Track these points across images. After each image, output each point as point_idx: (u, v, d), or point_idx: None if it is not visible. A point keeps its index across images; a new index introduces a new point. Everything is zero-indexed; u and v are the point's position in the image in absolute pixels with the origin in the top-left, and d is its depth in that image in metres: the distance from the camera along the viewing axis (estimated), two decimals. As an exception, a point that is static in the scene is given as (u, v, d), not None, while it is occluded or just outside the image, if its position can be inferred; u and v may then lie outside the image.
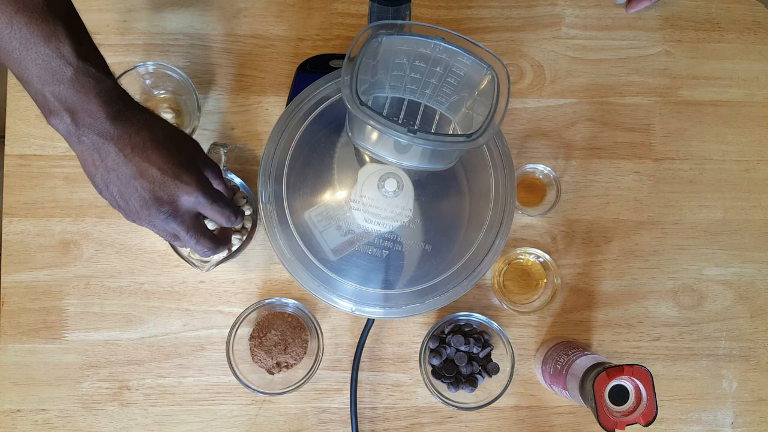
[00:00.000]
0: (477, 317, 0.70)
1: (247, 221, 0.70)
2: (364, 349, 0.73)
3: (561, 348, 0.70)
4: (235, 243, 0.69)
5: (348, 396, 0.72)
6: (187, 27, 0.76)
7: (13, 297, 0.73)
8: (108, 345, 0.73)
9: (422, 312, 0.62)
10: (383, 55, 0.53)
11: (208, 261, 0.69)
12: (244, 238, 0.70)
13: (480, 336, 0.72)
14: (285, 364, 0.72)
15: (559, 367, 0.68)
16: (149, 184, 0.53)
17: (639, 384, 0.62)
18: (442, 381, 0.71)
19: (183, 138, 0.57)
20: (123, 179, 0.53)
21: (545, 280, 0.74)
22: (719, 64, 0.78)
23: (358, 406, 0.73)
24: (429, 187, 0.60)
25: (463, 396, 0.71)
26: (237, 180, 0.71)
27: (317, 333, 0.69)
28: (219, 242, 0.60)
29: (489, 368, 0.71)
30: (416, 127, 0.50)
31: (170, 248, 0.70)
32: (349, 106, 0.49)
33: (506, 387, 0.68)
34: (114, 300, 0.73)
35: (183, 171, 0.54)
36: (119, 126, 0.52)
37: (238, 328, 0.69)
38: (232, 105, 0.76)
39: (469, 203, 0.62)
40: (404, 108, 0.57)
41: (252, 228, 0.70)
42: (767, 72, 0.79)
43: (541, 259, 0.74)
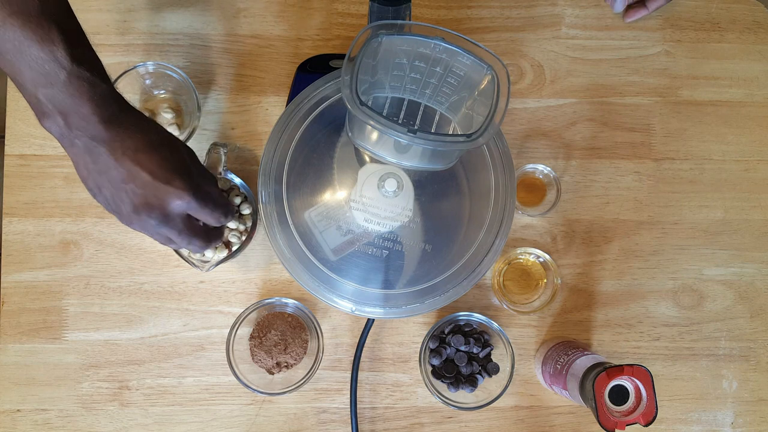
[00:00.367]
0: (477, 317, 0.70)
1: (247, 221, 0.70)
2: (364, 349, 0.73)
3: (561, 348, 0.70)
4: (235, 243, 0.69)
5: (348, 396, 0.72)
6: (187, 27, 0.76)
7: (13, 297, 0.73)
8: (108, 345, 0.73)
9: (422, 312, 0.62)
10: (383, 55, 0.53)
11: (208, 261, 0.69)
12: (244, 238, 0.70)
13: (480, 336, 0.72)
14: (285, 364, 0.72)
15: (559, 367, 0.68)
16: (140, 189, 0.53)
17: (639, 384, 0.62)
18: (442, 381, 0.71)
19: (177, 143, 0.57)
20: (114, 183, 0.53)
21: (545, 280, 0.74)
22: (719, 64, 0.78)
23: (358, 406, 0.73)
24: (429, 187, 0.60)
25: (463, 396, 0.71)
26: (237, 180, 0.71)
27: (317, 333, 0.69)
28: (212, 238, 0.61)
29: (489, 368, 0.71)
30: (416, 127, 0.51)
31: (170, 248, 0.70)
32: (349, 106, 0.49)
33: (506, 387, 0.68)
34: (114, 300, 0.73)
35: (174, 175, 0.53)
36: (112, 129, 0.52)
37: (238, 328, 0.69)
38: (232, 105, 0.76)
39: (469, 203, 0.62)
40: (404, 108, 0.57)
41: (252, 228, 0.70)
42: (767, 72, 0.79)
43: (541, 259, 0.74)
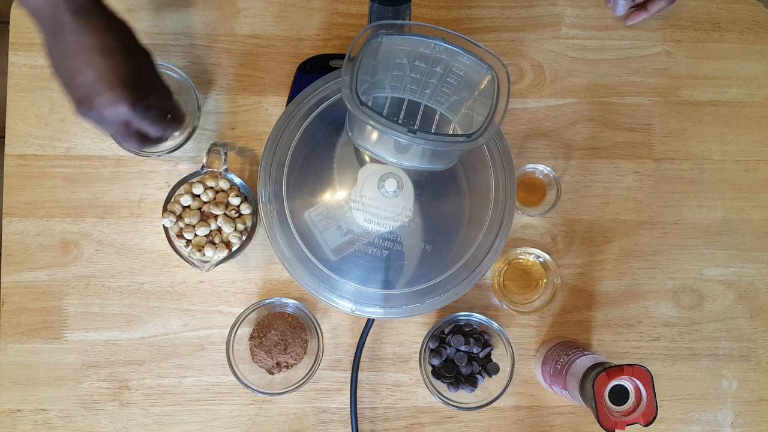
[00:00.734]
0: (477, 317, 0.70)
1: (247, 221, 0.70)
2: (364, 349, 0.73)
3: (561, 348, 0.70)
4: (235, 243, 0.69)
5: (348, 396, 0.72)
6: (187, 27, 0.76)
7: (13, 297, 0.73)
8: (108, 345, 0.73)
9: (422, 312, 0.62)
10: (383, 55, 0.53)
11: (208, 261, 0.69)
12: (244, 238, 0.70)
13: (480, 336, 0.72)
14: (285, 364, 0.72)
15: (559, 367, 0.68)
16: (84, 86, 0.55)
17: (639, 384, 0.62)
18: (442, 381, 0.71)
19: (133, 51, 0.59)
20: (67, 70, 0.56)
21: (545, 280, 0.74)
22: (719, 64, 0.78)
23: (358, 406, 0.73)
24: (429, 187, 0.60)
25: (463, 396, 0.71)
26: (237, 180, 0.71)
27: (317, 333, 0.69)
28: (147, 143, 0.63)
29: (489, 368, 0.71)
30: (416, 127, 0.51)
31: (170, 248, 0.70)
32: (349, 106, 0.49)
33: (506, 387, 0.68)
34: (114, 300, 0.73)
35: (118, 83, 0.55)
36: (75, 21, 0.54)
37: (238, 328, 0.69)
38: (232, 105, 0.76)
39: (469, 203, 0.62)
40: (404, 108, 0.57)
41: (252, 228, 0.70)
42: (767, 72, 0.79)
43: (541, 259, 0.74)
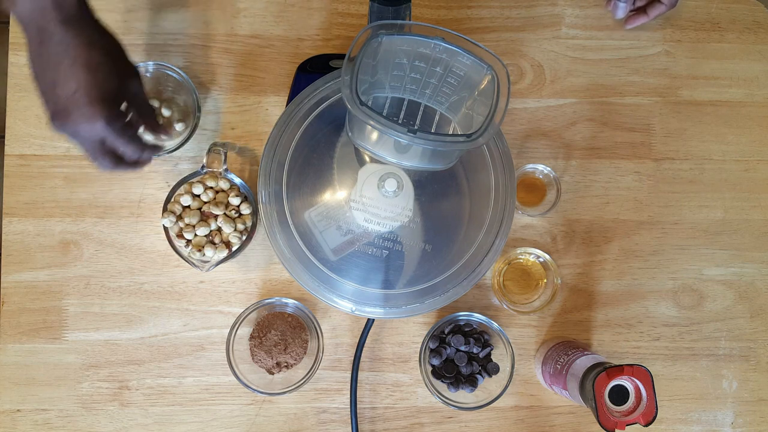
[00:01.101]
0: (477, 317, 0.70)
1: (247, 221, 0.70)
2: (364, 349, 0.73)
3: (561, 348, 0.70)
4: (235, 243, 0.69)
5: (348, 396, 0.72)
6: (187, 27, 0.76)
7: (13, 297, 0.73)
8: (108, 345, 0.73)
9: (422, 312, 0.62)
10: (383, 55, 0.53)
11: (208, 261, 0.69)
12: (244, 238, 0.70)
13: (480, 336, 0.72)
14: (285, 364, 0.72)
15: (559, 367, 0.68)
16: (64, 98, 0.54)
17: (639, 384, 0.62)
18: (442, 381, 0.71)
19: (124, 71, 0.58)
20: (48, 80, 0.55)
21: (545, 280, 0.74)
22: (719, 64, 0.78)
23: (358, 406, 0.73)
24: (429, 187, 0.60)
25: (463, 396, 0.71)
26: (237, 180, 0.71)
27: (317, 333, 0.69)
28: (120, 164, 0.61)
29: (489, 368, 0.71)
30: (416, 127, 0.50)
31: (170, 248, 0.70)
32: (349, 106, 0.49)
33: (506, 387, 0.68)
34: (114, 300, 0.73)
35: (98, 100, 0.55)
36: (62, 32, 0.54)
37: (238, 328, 0.69)
38: (232, 105, 0.76)
39: (469, 203, 0.62)
40: (404, 108, 0.57)
41: (252, 228, 0.70)
42: (767, 72, 0.79)
43: (541, 259, 0.74)
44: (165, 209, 0.70)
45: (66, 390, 0.72)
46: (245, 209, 0.70)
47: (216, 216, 0.69)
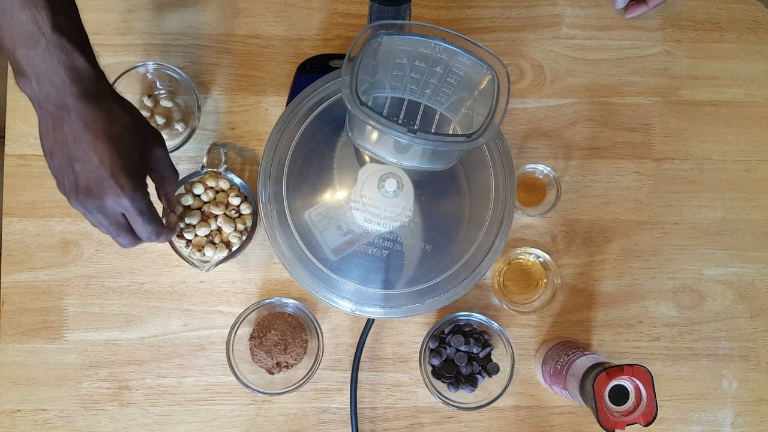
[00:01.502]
0: (477, 317, 0.70)
1: (247, 221, 0.70)
2: (364, 349, 0.73)
3: (561, 348, 0.70)
4: (235, 243, 0.69)
5: (348, 396, 0.72)
6: (187, 27, 0.76)
7: (13, 297, 0.73)
8: (108, 345, 0.73)
9: (422, 312, 0.62)
10: (383, 55, 0.53)
11: (208, 261, 0.69)
12: (244, 238, 0.70)
13: (480, 336, 0.72)
14: (285, 364, 0.72)
15: (559, 367, 0.68)
16: (86, 173, 0.53)
17: (639, 384, 0.62)
18: (442, 381, 0.71)
19: (145, 140, 0.57)
20: (65, 157, 0.53)
21: (545, 280, 0.74)
22: (719, 64, 0.78)
23: (358, 406, 0.73)
24: (429, 187, 0.60)
25: (463, 396, 0.71)
26: (237, 180, 0.71)
27: (317, 333, 0.69)
28: (138, 241, 0.59)
29: (489, 368, 0.71)
30: (416, 127, 0.50)
31: (170, 248, 0.70)
32: (349, 106, 0.49)
33: (506, 387, 0.68)
34: (114, 300, 0.73)
35: (123, 174, 0.53)
36: (80, 106, 0.52)
37: (238, 328, 0.69)
38: (232, 105, 0.76)
39: (469, 203, 0.62)
40: (404, 108, 0.57)
41: (252, 228, 0.70)
42: (767, 72, 0.79)
43: (541, 259, 0.74)
44: (165, 209, 0.70)
45: (66, 390, 0.72)
46: (245, 209, 0.70)
47: (216, 216, 0.69)
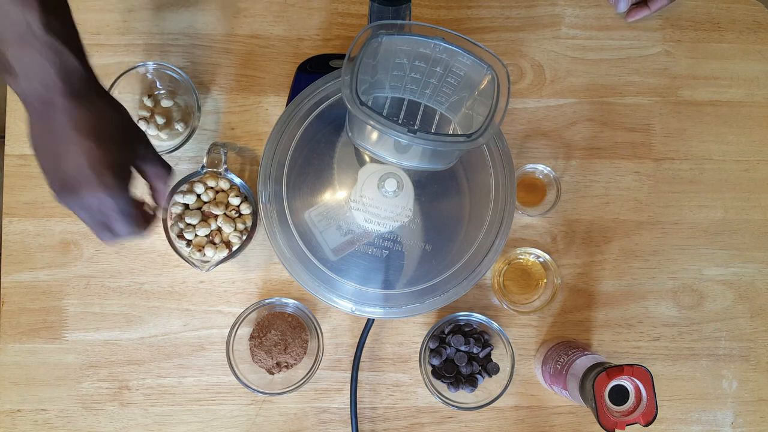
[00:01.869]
0: (477, 317, 0.70)
1: (247, 221, 0.70)
2: (364, 349, 0.73)
3: (561, 348, 0.70)
4: (235, 243, 0.69)
5: (348, 396, 0.72)
6: (187, 27, 0.76)
7: (13, 297, 0.73)
8: (108, 345, 0.73)
9: (422, 312, 0.62)
10: (383, 55, 0.53)
11: (208, 261, 0.69)
12: (244, 238, 0.70)
13: (480, 336, 0.72)
14: (285, 364, 0.72)
15: (559, 367, 0.68)
16: (70, 171, 0.53)
17: (639, 384, 0.62)
18: (442, 381, 0.71)
19: (132, 139, 0.57)
20: (51, 153, 0.53)
21: (545, 280, 0.74)
22: (719, 64, 0.78)
23: (358, 406, 0.73)
24: (429, 187, 0.60)
25: (463, 396, 0.71)
26: (237, 180, 0.71)
27: (317, 333, 0.69)
28: (119, 237, 0.58)
29: (489, 368, 0.71)
30: (416, 127, 0.50)
31: (170, 248, 0.70)
32: (349, 106, 0.49)
33: (506, 387, 0.68)
34: (114, 300, 0.73)
35: (107, 172, 0.53)
36: (70, 105, 0.52)
37: (238, 328, 0.69)
38: (232, 105, 0.76)
39: (469, 203, 0.62)
40: (404, 108, 0.57)
41: (252, 228, 0.70)
42: (767, 72, 0.79)
43: (541, 259, 0.74)
44: (165, 210, 0.70)
45: (66, 390, 0.72)
46: (245, 209, 0.70)
47: (216, 216, 0.69)
